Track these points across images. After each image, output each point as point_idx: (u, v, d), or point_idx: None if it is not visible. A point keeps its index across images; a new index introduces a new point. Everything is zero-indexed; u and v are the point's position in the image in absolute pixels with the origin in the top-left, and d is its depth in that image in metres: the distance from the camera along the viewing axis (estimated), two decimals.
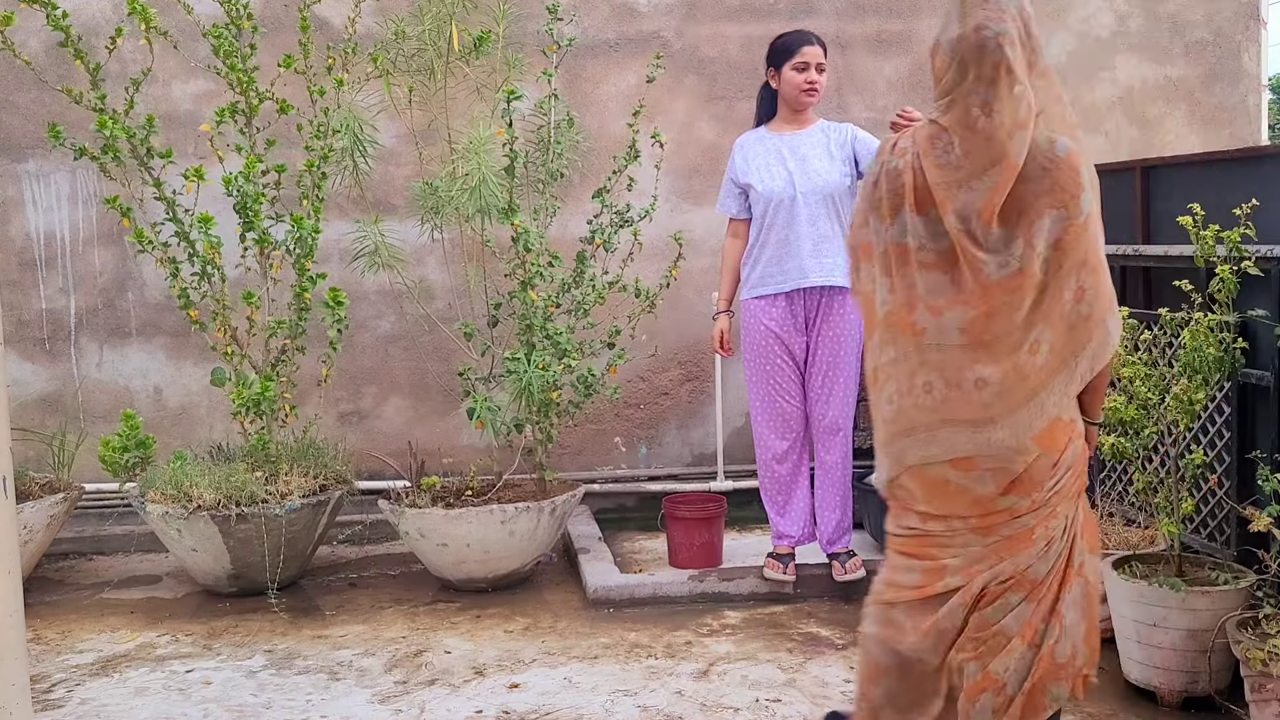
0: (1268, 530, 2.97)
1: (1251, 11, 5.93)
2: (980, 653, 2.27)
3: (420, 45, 4.74)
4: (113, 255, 5.43)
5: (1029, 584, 2.26)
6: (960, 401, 2.17)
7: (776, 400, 4.24)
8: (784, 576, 4.25)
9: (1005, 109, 2.15)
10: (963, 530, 2.26)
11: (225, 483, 4.34)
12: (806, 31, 4.30)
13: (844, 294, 4.19)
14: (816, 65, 4.19)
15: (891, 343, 2.24)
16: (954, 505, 2.25)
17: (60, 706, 3.49)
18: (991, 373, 2.15)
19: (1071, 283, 2.15)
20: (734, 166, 4.31)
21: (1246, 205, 3.20)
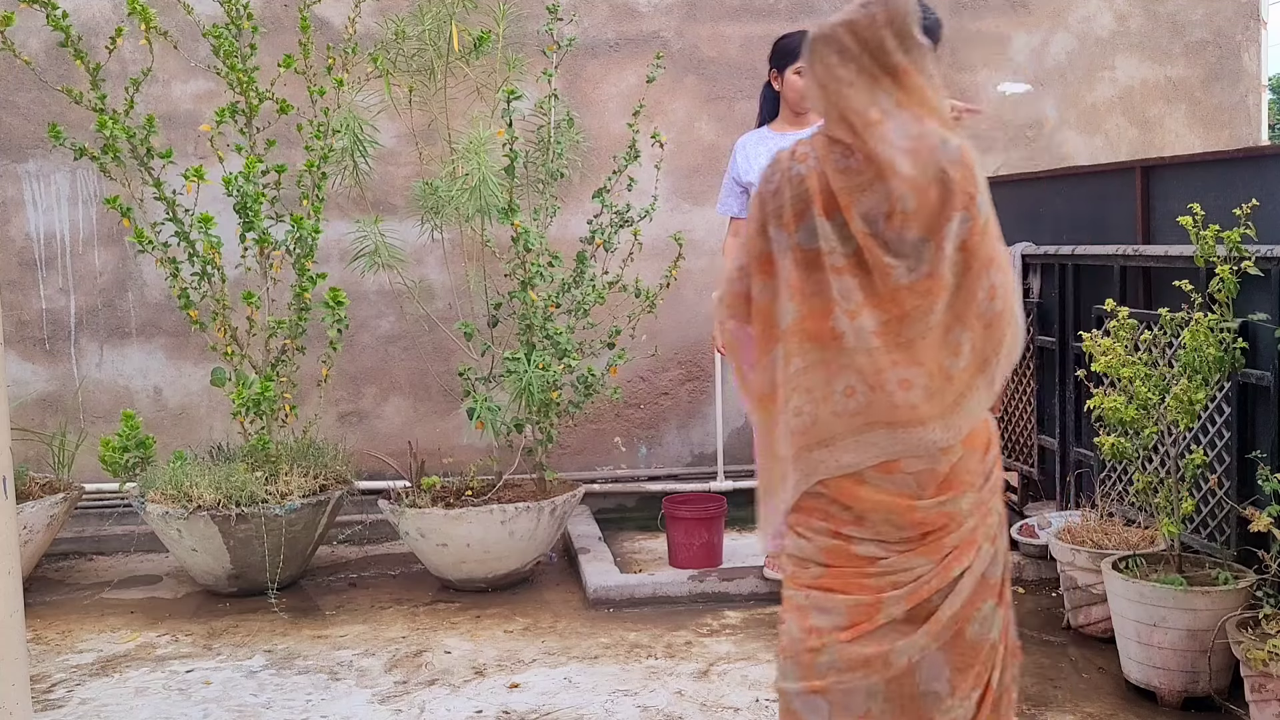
0: (1268, 530, 2.97)
1: (1251, 11, 5.93)
2: (978, 675, 2.19)
3: (420, 45, 4.74)
4: (113, 255, 5.43)
5: (990, 588, 2.21)
6: (885, 404, 2.11)
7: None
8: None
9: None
10: (902, 553, 2.15)
11: (225, 483, 4.34)
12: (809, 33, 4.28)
13: None
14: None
15: (800, 352, 2.15)
16: (879, 521, 2.14)
17: (60, 706, 3.48)
18: (915, 374, 2.11)
19: (984, 282, 2.14)
20: (735, 166, 4.31)
21: (1246, 205, 3.20)
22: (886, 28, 2.12)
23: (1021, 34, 5.82)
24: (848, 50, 2.13)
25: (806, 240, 2.14)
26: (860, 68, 2.13)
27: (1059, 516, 4.26)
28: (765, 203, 2.21)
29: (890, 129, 2.09)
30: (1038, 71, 5.84)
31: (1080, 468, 4.34)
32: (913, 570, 2.14)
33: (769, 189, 2.21)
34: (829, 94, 2.15)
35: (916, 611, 2.14)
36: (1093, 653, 3.68)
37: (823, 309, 2.13)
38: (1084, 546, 3.72)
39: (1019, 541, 4.41)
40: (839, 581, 2.16)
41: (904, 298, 2.10)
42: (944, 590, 2.15)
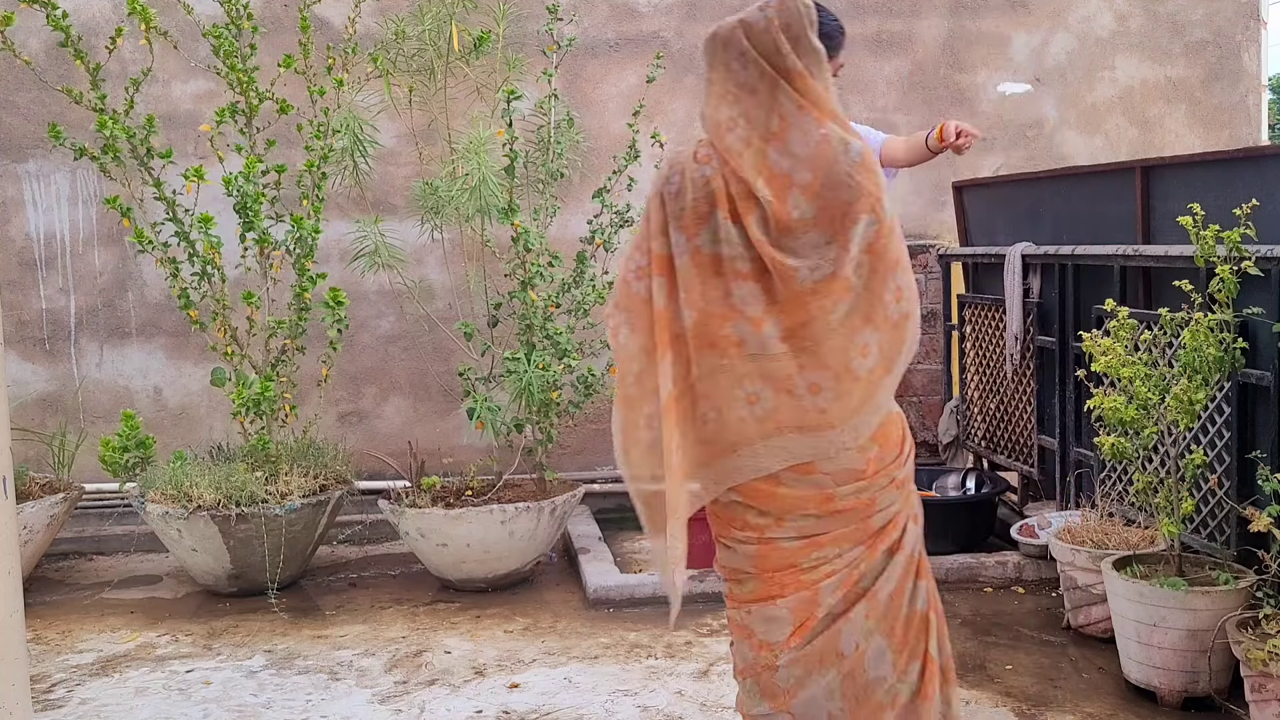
0: (1268, 530, 2.97)
1: (1251, 11, 5.93)
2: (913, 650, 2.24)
3: (420, 45, 4.74)
4: (113, 255, 5.43)
5: (915, 564, 2.25)
6: (793, 408, 2.10)
7: None
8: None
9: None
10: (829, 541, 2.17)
11: (225, 483, 4.34)
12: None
13: None
14: (836, 68, 4.14)
15: (699, 359, 2.13)
16: (815, 518, 2.16)
17: (60, 706, 3.48)
18: (823, 377, 2.11)
19: (891, 284, 2.13)
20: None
21: (1246, 205, 3.20)
22: (781, 31, 2.12)
23: (1021, 34, 5.82)
24: (749, 54, 2.13)
25: (708, 244, 2.12)
26: (761, 73, 2.13)
27: (1059, 516, 4.26)
28: (666, 204, 2.17)
29: (791, 136, 2.10)
30: (1038, 71, 5.84)
31: (1080, 468, 4.34)
32: (844, 556, 2.17)
33: (670, 190, 2.18)
34: (728, 96, 2.16)
35: (850, 594, 2.18)
36: (1093, 653, 3.68)
37: (721, 315, 2.11)
38: (1084, 546, 3.72)
39: (1019, 541, 4.42)
40: (775, 587, 2.18)
41: (808, 301, 2.09)
42: (875, 570, 2.19)
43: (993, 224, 5.16)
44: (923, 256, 5.67)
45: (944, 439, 5.40)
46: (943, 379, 5.52)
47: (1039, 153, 5.84)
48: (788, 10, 2.13)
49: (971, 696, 3.38)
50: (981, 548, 4.64)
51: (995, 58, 5.81)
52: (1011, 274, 4.64)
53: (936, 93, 5.78)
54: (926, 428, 5.71)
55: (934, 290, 5.65)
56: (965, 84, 5.80)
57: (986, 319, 5.06)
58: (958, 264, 5.39)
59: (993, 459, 5.11)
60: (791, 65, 2.11)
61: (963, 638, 3.86)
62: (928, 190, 5.80)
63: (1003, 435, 4.99)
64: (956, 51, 5.78)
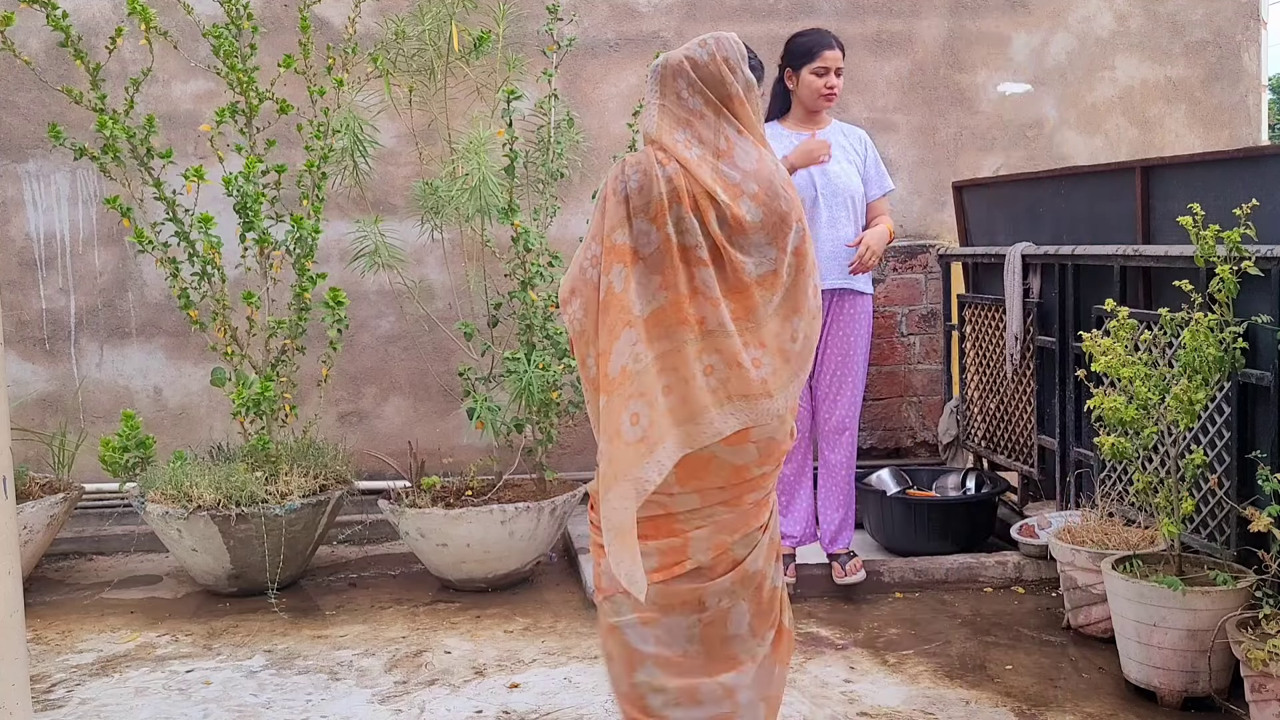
0: (1268, 530, 2.97)
1: (1251, 11, 5.93)
2: (773, 620, 2.59)
3: (420, 45, 4.74)
4: (113, 255, 5.44)
5: (775, 546, 2.62)
6: (742, 379, 2.40)
7: None
8: (784, 578, 4.23)
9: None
10: (715, 502, 2.47)
11: (225, 483, 4.34)
12: (826, 33, 4.21)
13: (855, 296, 4.22)
14: (836, 70, 4.15)
15: (664, 337, 2.37)
16: (712, 479, 2.45)
17: (60, 706, 3.49)
18: (763, 354, 2.45)
19: (810, 283, 2.51)
20: None
21: (1246, 205, 3.20)
22: (723, 63, 2.49)
23: (1021, 34, 5.82)
24: (696, 85, 2.48)
25: (675, 234, 2.40)
26: (707, 101, 2.48)
27: (1059, 516, 4.26)
28: (631, 198, 2.42)
29: (736, 155, 2.46)
30: (1038, 71, 5.84)
31: (1080, 468, 4.34)
32: (715, 516, 2.47)
33: (634, 186, 2.43)
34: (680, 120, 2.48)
35: (721, 560, 2.48)
36: (1093, 653, 3.68)
37: (688, 296, 2.39)
38: (1084, 546, 3.72)
39: (1019, 541, 4.42)
40: (650, 529, 2.43)
41: (752, 290, 2.43)
42: (745, 543, 2.50)
43: (993, 224, 5.16)
44: (923, 256, 5.67)
45: (944, 439, 5.40)
46: (943, 379, 5.52)
47: (1039, 153, 5.84)
48: (726, 46, 2.53)
49: (971, 696, 3.38)
50: (981, 548, 4.64)
51: (995, 58, 5.81)
52: (1011, 274, 4.64)
53: (936, 93, 5.78)
54: (926, 428, 5.71)
55: (934, 290, 5.65)
56: (965, 84, 5.80)
57: (986, 319, 5.06)
58: (958, 264, 5.39)
59: (993, 459, 5.12)
60: (733, 93, 2.48)
61: (963, 638, 3.86)
62: (928, 190, 5.80)
63: (1003, 435, 4.99)
64: (956, 51, 5.78)
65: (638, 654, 2.50)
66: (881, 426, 5.70)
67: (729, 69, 2.49)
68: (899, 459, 5.63)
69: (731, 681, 2.51)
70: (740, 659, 2.53)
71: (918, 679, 3.53)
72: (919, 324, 5.68)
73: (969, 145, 5.82)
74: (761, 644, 2.55)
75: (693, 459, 2.39)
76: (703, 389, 2.36)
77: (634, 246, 2.40)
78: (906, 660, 3.68)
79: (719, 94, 2.48)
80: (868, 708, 3.32)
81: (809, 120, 4.26)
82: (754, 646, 2.55)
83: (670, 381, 2.35)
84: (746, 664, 2.53)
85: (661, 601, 2.46)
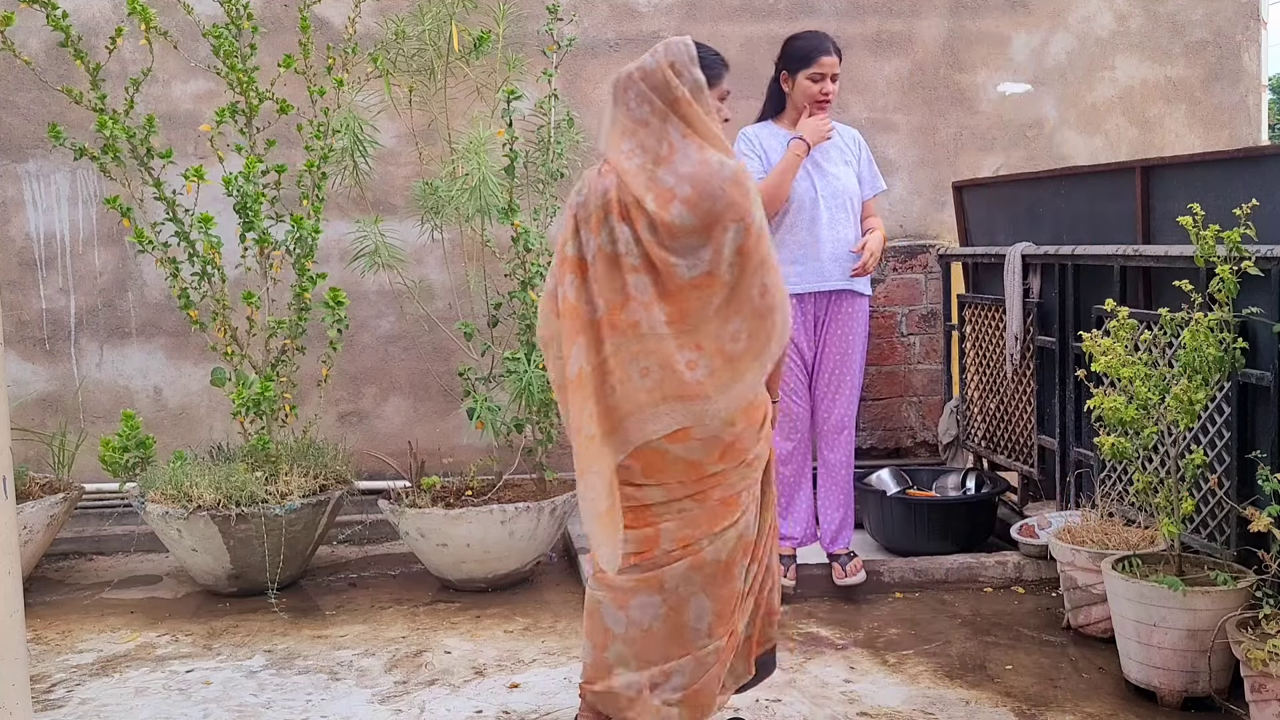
0: (1268, 530, 2.97)
1: (1251, 11, 5.93)
2: (730, 623, 2.73)
3: (420, 45, 4.74)
4: (113, 255, 5.44)
5: (747, 546, 2.72)
6: (675, 381, 2.53)
7: (783, 400, 4.21)
8: (785, 579, 4.24)
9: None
10: (680, 496, 2.62)
11: (225, 483, 4.34)
12: (824, 37, 4.17)
13: (855, 297, 4.22)
14: (832, 76, 4.13)
15: (609, 339, 2.55)
16: (671, 474, 2.60)
17: (60, 706, 3.49)
18: (698, 356, 2.55)
19: (757, 281, 2.56)
20: (751, 149, 4.18)
21: (1246, 205, 3.20)
22: (669, 68, 2.61)
23: (1021, 34, 5.82)
24: (644, 94, 2.63)
25: (608, 244, 2.57)
26: (654, 108, 2.61)
27: (1059, 516, 4.26)
28: (577, 211, 2.63)
29: (676, 159, 2.57)
30: (1038, 71, 5.84)
31: (1080, 468, 4.34)
32: (684, 511, 2.63)
33: (579, 199, 2.65)
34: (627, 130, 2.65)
35: (681, 546, 2.64)
36: (1093, 653, 3.68)
37: (621, 302, 2.55)
38: (1084, 546, 3.72)
39: (1019, 541, 4.42)
40: (629, 519, 2.64)
41: (687, 293, 2.54)
42: (711, 536, 2.65)
43: (993, 224, 5.16)
44: (923, 256, 5.67)
45: (944, 439, 5.40)
46: (943, 379, 5.52)
47: (1039, 153, 5.84)
48: (673, 50, 2.64)
49: (971, 696, 3.38)
50: (981, 548, 4.64)
51: (995, 58, 5.81)
52: (1011, 274, 4.64)
53: (936, 93, 5.78)
54: (926, 428, 5.71)
55: (934, 290, 5.65)
56: (965, 84, 5.80)
57: (986, 319, 5.06)
58: (958, 264, 5.39)
59: (993, 459, 5.12)
60: (679, 96, 2.59)
61: (963, 638, 3.86)
62: (928, 190, 5.80)
63: (1003, 435, 4.99)
64: (956, 51, 5.78)
65: (610, 633, 2.72)
66: (881, 426, 5.70)
67: (674, 73, 2.61)
68: (899, 459, 5.63)
69: (673, 667, 2.69)
70: (689, 650, 2.69)
71: (918, 679, 3.53)
72: (919, 324, 5.68)
73: (969, 145, 5.82)
74: (714, 643, 2.70)
75: (649, 454, 2.57)
76: (639, 389, 2.54)
77: (579, 256, 2.61)
78: (906, 660, 3.68)
79: (665, 99, 2.61)
80: (868, 708, 3.33)
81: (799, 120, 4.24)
82: (706, 644, 2.69)
83: (614, 383, 2.55)
84: (688, 657, 2.69)
85: (628, 586, 2.67)
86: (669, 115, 2.60)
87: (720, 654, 2.74)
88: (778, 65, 4.23)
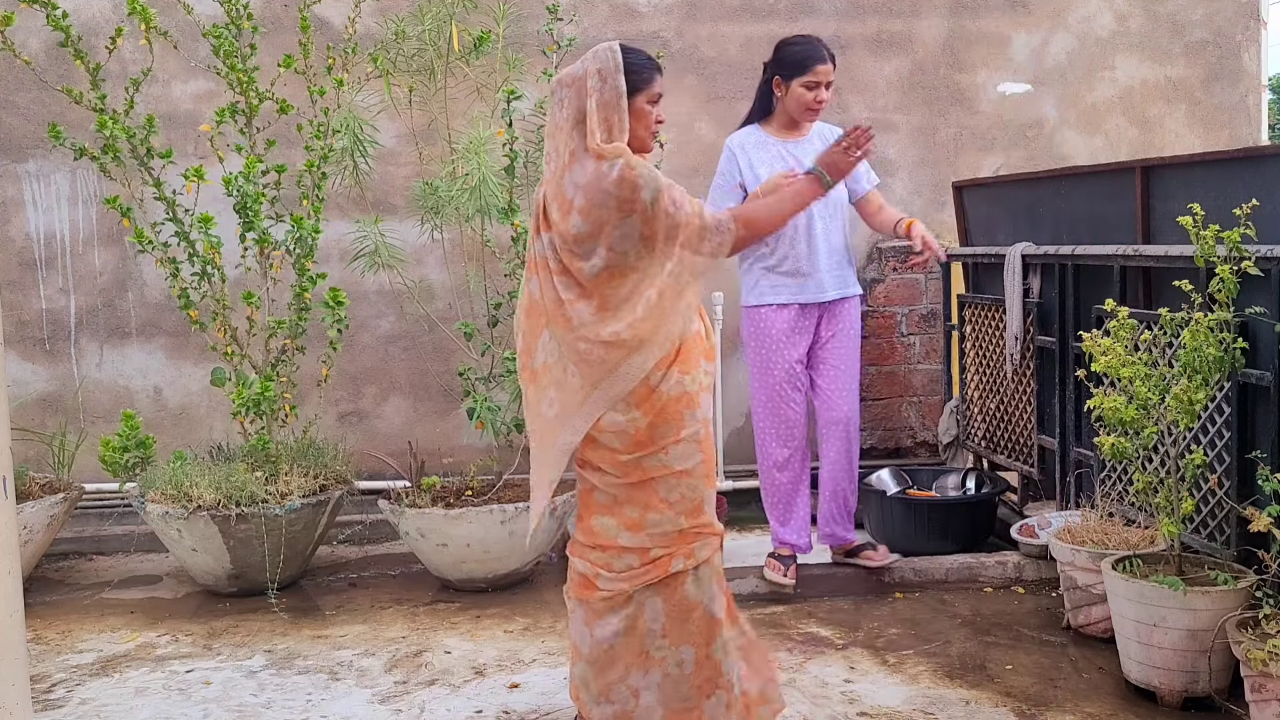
0: (1268, 530, 2.97)
1: (1251, 11, 5.93)
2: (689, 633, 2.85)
3: (420, 45, 4.75)
4: (113, 255, 5.44)
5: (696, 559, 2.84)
6: (590, 371, 2.73)
7: (780, 407, 4.20)
8: (784, 580, 4.24)
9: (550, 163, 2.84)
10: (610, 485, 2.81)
11: (225, 483, 4.35)
12: (818, 44, 4.10)
13: (850, 299, 4.23)
14: (826, 83, 4.08)
15: (555, 336, 2.78)
16: (598, 459, 2.80)
17: (60, 706, 3.49)
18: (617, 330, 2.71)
19: (672, 251, 2.73)
20: (734, 168, 4.15)
21: (1246, 205, 3.20)
22: (593, 75, 2.71)
23: (1021, 34, 5.82)
24: (565, 99, 2.75)
25: (543, 249, 2.79)
26: (568, 114, 2.74)
27: (1059, 516, 4.26)
28: (533, 215, 2.85)
29: (575, 167, 2.72)
30: (1038, 71, 5.84)
31: (1080, 468, 4.34)
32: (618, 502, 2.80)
33: (536, 208, 2.85)
34: (549, 132, 2.82)
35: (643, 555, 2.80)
36: (1093, 653, 3.68)
37: (556, 301, 2.76)
38: (1084, 546, 3.72)
39: (1019, 541, 4.42)
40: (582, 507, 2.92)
41: (598, 286, 2.73)
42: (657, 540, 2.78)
43: (993, 224, 5.16)
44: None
45: (944, 439, 5.40)
46: (943, 379, 5.52)
47: (1039, 153, 5.84)
48: (599, 57, 2.73)
49: (971, 696, 3.38)
50: (981, 548, 4.64)
51: (995, 58, 5.82)
52: (1011, 274, 4.64)
53: (936, 93, 5.78)
54: (926, 428, 5.71)
55: (934, 290, 5.65)
56: (965, 84, 5.80)
57: (986, 319, 5.06)
58: (958, 264, 5.39)
59: (993, 459, 5.12)
60: (589, 106, 2.70)
61: (963, 638, 3.86)
62: (928, 190, 5.80)
63: (1003, 435, 4.99)
64: (956, 51, 5.78)
65: (578, 650, 2.91)
66: (881, 426, 5.70)
67: (600, 79, 2.70)
68: (899, 459, 5.63)
69: (637, 682, 2.80)
70: (651, 657, 2.79)
71: (918, 679, 3.53)
72: (919, 324, 5.68)
73: (969, 145, 5.82)
74: (671, 649, 2.79)
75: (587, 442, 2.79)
76: (575, 378, 2.76)
77: (534, 258, 2.84)
78: (906, 660, 3.68)
79: (578, 106, 2.72)
80: (868, 708, 3.33)
81: (791, 128, 4.19)
82: (662, 646, 2.79)
83: (561, 376, 2.78)
84: (654, 667, 2.79)
85: (600, 607, 2.83)
86: (579, 123, 2.72)
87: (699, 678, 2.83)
88: (769, 68, 4.17)
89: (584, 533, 2.91)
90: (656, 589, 2.78)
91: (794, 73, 4.08)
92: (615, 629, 2.80)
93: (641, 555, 2.79)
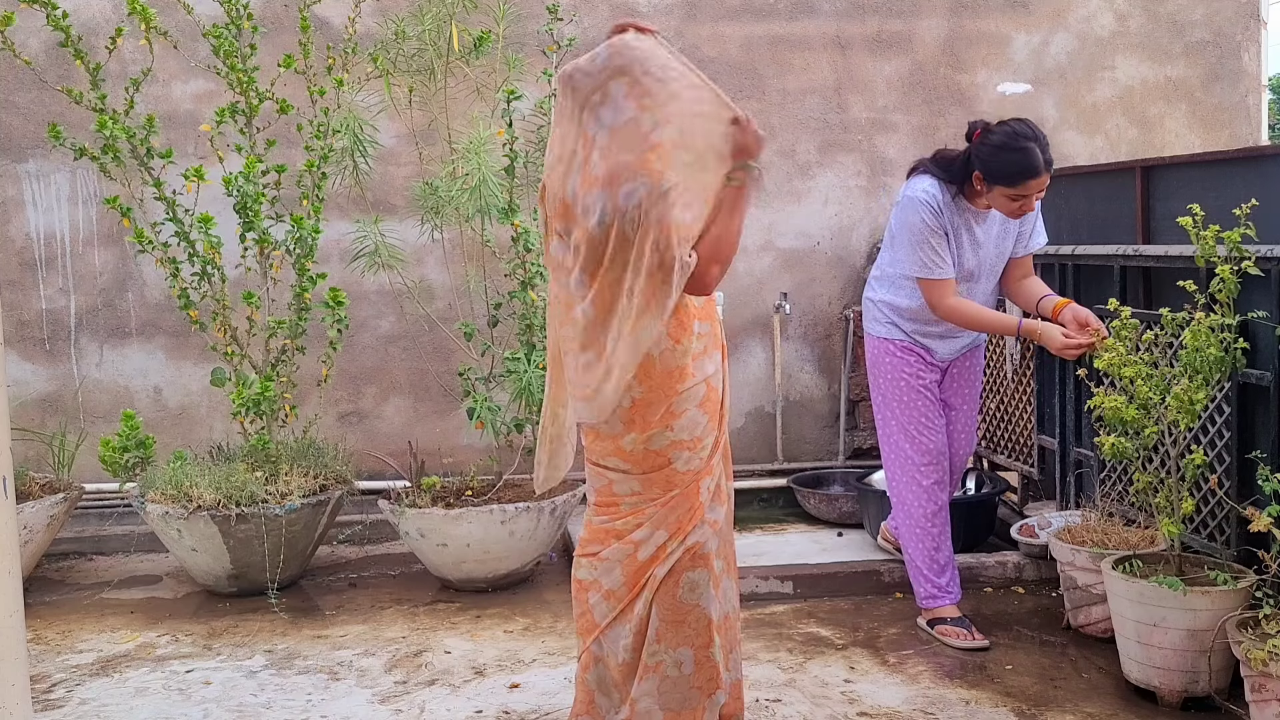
0: (1268, 530, 2.97)
1: (1251, 11, 5.93)
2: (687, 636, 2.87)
3: (420, 45, 4.75)
4: (113, 255, 5.44)
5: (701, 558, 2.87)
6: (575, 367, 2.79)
7: (924, 437, 3.88)
8: (979, 642, 3.76)
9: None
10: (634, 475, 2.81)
11: (225, 483, 4.35)
12: (1037, 155, 3.60)
13: (978, 346, 4.06)
14: (1038, 193, 3.65)
15: (566, 332, 2.82)
16: (595, 452, 2.86)
17: (60, 706, 3.49)
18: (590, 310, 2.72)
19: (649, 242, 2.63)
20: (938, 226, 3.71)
21: (1246, 205, 3.20)
22: (601, 71, 2.82)
23: (1021, 34, 5.82)
24: (561, 96, 2.82)
25: (556, 251, 2.80)
26: (565, 111, 2.78)
27: (1059, 516, 4.26)
28: (544, 220, 2.87)
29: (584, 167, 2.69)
30: (1038, 71, 5.84)
31: (1080, 468, 4.34)
32: (641, 493, 2.81)
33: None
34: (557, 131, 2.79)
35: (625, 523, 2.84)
36: (1093, 653, 3.68)
37: (567, 298, 2.77)
38: (1084, 546, 3.72)
39: (1019, 541, 4.42)
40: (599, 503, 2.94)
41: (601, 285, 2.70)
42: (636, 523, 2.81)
43: None
44: None
45: None
46: None
47: None
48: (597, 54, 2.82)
49: (971, 696, 3.38)
50: (981, 548, 4.64)
51: (995, 58, 5.82)
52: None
53: (937, 93, 5.78)
54: None
55: None
56: (965, 84, 5.80)
57: None
58: None
59: (993, 459, 5.12)
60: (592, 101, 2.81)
61: None
62: None
63: (1003, 435, 4.99)
64: (956, 51, 5.78)
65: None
66: None
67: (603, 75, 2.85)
68: None
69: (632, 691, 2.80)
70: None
71: (918, 679, 3.53)
72: None
73: None
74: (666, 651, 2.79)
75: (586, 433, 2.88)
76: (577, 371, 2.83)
77: (557, 260, 2.83)
78: (907, 660, 3.68)
79: (581, 100, 2.80)
80: (868, 708, 3.33)
81: (976, 203, 3.77)
82: (657, 650, 2.78)
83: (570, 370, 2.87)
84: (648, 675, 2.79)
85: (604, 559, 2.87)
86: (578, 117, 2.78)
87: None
88: (972, 156, 3.65)
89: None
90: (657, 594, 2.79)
91: (1002, 183, 3.61)
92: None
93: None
